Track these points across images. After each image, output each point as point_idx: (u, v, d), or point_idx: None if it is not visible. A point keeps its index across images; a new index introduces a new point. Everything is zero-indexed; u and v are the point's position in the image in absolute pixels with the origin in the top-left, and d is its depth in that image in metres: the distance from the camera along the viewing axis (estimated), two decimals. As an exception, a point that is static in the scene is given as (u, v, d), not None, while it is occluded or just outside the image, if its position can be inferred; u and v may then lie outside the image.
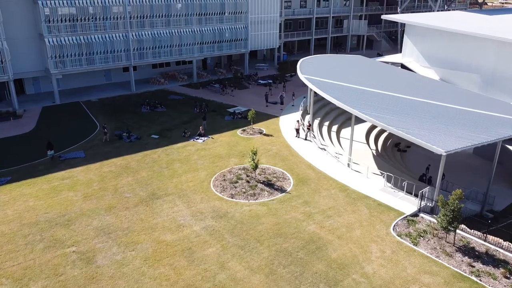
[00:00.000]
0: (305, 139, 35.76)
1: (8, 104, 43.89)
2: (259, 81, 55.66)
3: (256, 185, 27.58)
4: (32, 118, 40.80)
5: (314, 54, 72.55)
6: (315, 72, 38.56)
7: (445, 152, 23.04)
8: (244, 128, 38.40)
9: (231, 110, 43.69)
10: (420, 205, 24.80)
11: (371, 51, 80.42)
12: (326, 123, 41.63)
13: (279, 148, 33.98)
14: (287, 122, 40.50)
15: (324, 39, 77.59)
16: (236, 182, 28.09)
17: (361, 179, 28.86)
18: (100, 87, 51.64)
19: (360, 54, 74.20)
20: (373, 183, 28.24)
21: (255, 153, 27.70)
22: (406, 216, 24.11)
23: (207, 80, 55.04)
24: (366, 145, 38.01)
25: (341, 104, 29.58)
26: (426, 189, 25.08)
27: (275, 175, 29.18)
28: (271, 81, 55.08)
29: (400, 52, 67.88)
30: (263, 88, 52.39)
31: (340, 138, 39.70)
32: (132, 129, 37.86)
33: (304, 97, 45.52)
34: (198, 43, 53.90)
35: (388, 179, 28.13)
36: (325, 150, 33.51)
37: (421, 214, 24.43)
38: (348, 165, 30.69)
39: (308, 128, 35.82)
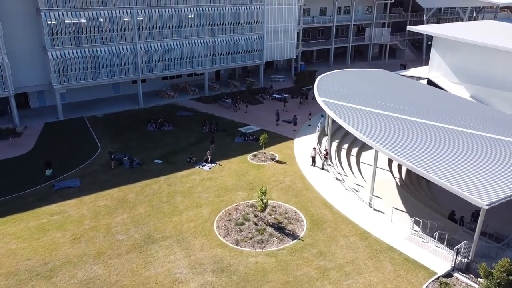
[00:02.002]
0: (322, 169, 32.43)
1: (10, 120, 41.82)
2: (274, 95, 52.31)
3: (264, 229, 24.38)
4: (32, 136, 38.52)
5: (333, 64, 69.17)
6: (334, 93, 35.08)
7: (487, 205, 19.47)
8: (255, 153, 35.22)
9: (242, 129, 40.67)
10: (455, 261, 21.25)
11: (394, 60, 76.35)
12: (345, 146, 38.22)
13: (293, 180, 30.71)
14: (303, 146, 37.17)
15: (344, 48, 73.83)
16: (243, 223, 24.95)
17: (384, 223, 25.37)
18: (107, 100, 49.27)
19: (382, 64, 70.36)
20: (398, 229, 24.71)
21: (264, 193, 24.46)
22: (439, 277, 20.59)
23: (219, 94, 52.04)
24: (389, 172, 34.44)
25: (364, 138, 26.10)
26: (462, 244, 21.46)
27: (286, 215, 25.94)
28: (286, 95, 51.71)
29: (425, 62, 63.82)
30: (278, 103, 49.07)
31: (360, 164, 36.26)
32: (135, 152, 35.19)
33: (322, 116, 42.16)
34: (210, 55, 50.98)
35: (416, 221, 24.65)
36: (343, 182, 30.13)
37: (456, 274, 20.87)
38: (370, 204, 27.24)
39: (325, 157, 32.45)
